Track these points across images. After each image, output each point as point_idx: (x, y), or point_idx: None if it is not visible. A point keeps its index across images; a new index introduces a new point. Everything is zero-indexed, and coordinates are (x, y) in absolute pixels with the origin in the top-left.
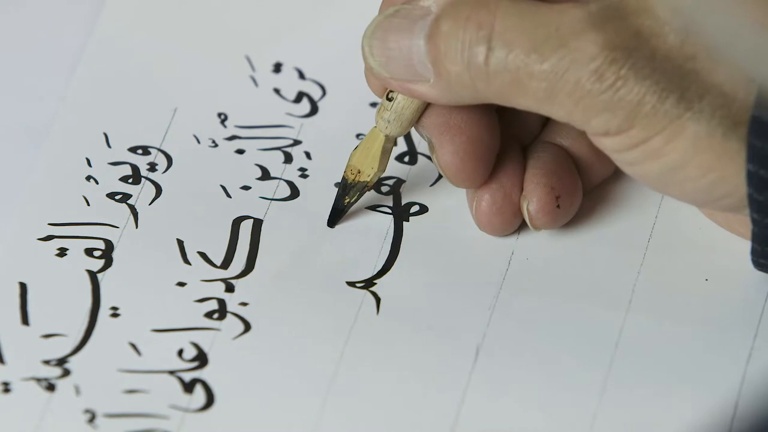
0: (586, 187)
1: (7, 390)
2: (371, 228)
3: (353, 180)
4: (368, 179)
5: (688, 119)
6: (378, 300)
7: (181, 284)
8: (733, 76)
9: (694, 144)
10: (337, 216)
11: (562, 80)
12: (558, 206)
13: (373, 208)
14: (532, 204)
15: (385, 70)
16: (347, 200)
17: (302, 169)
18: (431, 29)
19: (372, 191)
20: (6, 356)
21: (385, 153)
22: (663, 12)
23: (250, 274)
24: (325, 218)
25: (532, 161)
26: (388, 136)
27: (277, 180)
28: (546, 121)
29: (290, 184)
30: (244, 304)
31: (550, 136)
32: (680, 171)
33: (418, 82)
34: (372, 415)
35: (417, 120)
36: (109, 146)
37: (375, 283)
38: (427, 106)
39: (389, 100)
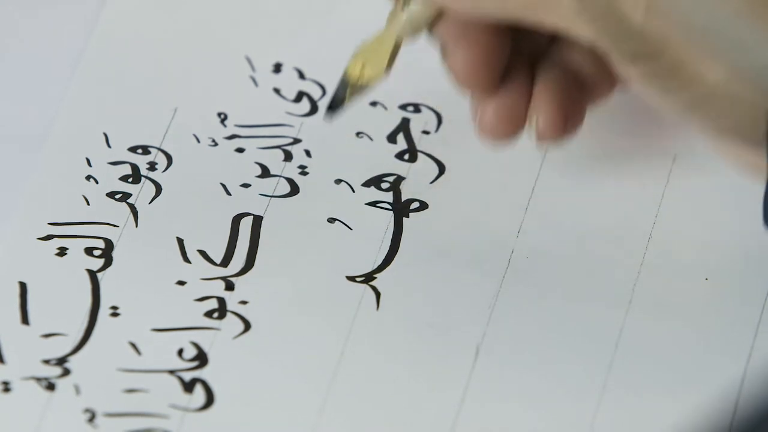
0: (589, 106)
1: (7, 389)
2: (371, 224)
3: (357, 75)
4: (373, 77)
5: (720, 50)
6: (378, 295)
7: (181, 283)
8: None
9: (725, 77)
10: (335, 106)
11: None
12: (566, 121)
13: (373, 204)
14: (540, 117)
15: None
16: (348, 94)
17: (302, 167)
18: None
19: (372, 187)
20: (6, 355)
21: (394, 54)
22: None
23: (250, 271)
24: (325, 215)
25: (541, 79)
26: (398, 38)
27: (277, 177)
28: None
29: (290, 181)
30: (243, 302)
31: (556, 54)
32: (708, 103)
33: None
34: (372, 414)
35: (432, 24)
36: (109, 146)
37: (375, 278)
38: (441, 14)
39: (405, 3)
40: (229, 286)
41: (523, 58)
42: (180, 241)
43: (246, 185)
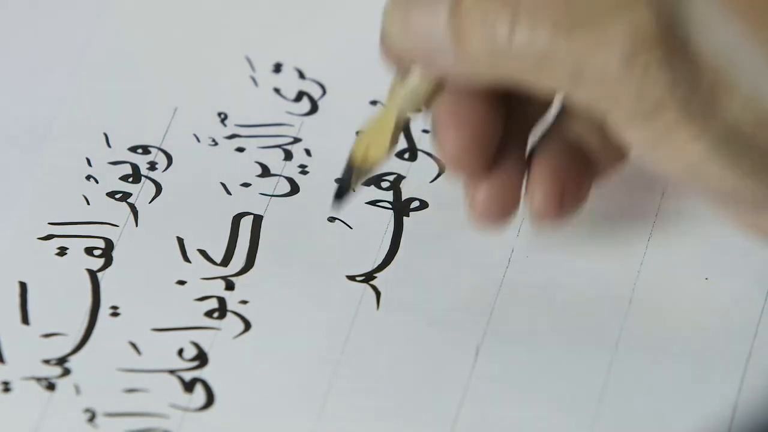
0: (594, 182)
1: (7, 389)
2: (371, 223)
3: (361, 158)
4: (377, 159)
5: (718, 113)
6: (378, 294)
7: (181, 282)
8: (765, 73)
9: (722, 138)
10: (342, 195)
11: (589, 62)
12: (563, 204)
13: (373, 203)
14: (536, 198)
15: (405, 44)
16: (354, 179)
17: (302, 166)
18: (454, 3)
19: (372, 187)
20: (6, 355)
21: (396, 133)
22: (699, 1)
23: (250, 271)
24: (325, 214)
25: (538, 156)
26: (399, 116)
27: (277, 177)
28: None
29: (290, 180)
30: (244, 302)
31: (556, 128)
32: (706, 166)
33: (438, 57)
34: (372, 414)
35: (431, 101)
36: (109, 146)
37: (375, 277)
38: (440, 89)
39: (403, 78)
40: (230, 286)
41: (518, 132)
42: (180, 241)
43: (246, 185)
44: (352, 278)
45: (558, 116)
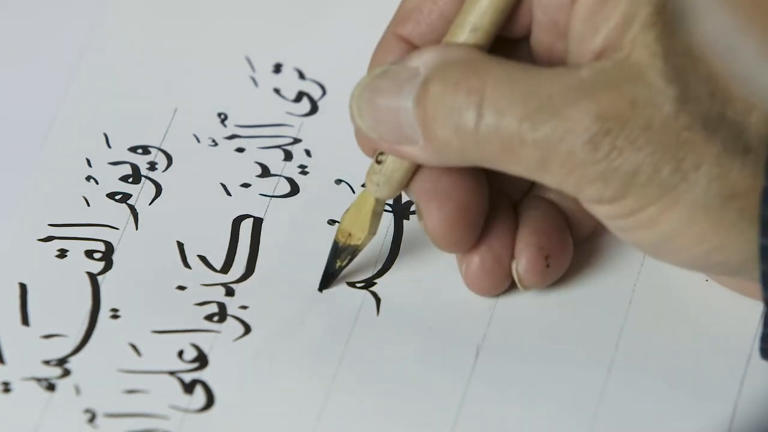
0: (576, 240)
1: (7, 390)
2: None
3: (344, 243)
4: (359, 243)
5: (683, 190)
6: (378, 300)
7: (181, 288)
8: (729, 147)
9: (689, 215)
10: (329, 280)
11: (555, 149)
12: (548, 265)
13: None
14: (521, 265)
15: (374, 131)
16: (339, 264)
17: (302, 167)
18: (419, 92)
19: None
20: (6, 356)
21: (376, 216)
22: (657, 80)
23: (251, 277)
24: (325, 215)
25: (523, 220)
26: (378, 199)
27: (277, 177)
28: None
29: (290, 180)
30: (244, 307)
31: (539, 191)
32: (675, 240)
33: (407, 144)
34: (372, 417)
35: (407, 183)
36: (109, 146)
37: (375, 283)
38: (417, 169)
39: (378, 162)
40: (230, 292)
41: (505, 198)
42: (180, 246)
43: (246, 185)
44: (352, 285)
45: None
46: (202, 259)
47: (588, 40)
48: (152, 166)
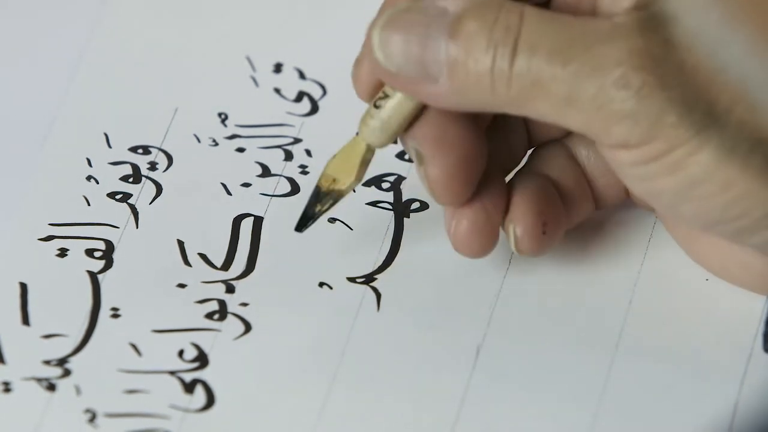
0: (570, 222)
1: (7, 390)
2: (371, 224)
3: (327, 188)
4: (344, 188)
5: (712, 134)
6: (378, 296)
7: (182, 286)
8: (759, 92)
9: (716, 160)
10: (305, 222)
11: (584, 85)
12: (544, 232)
13: (374, 204)
14: (518, 228)
15: (393, 64)
16: (319, 208)
17: (302, 166)
18: (453, 28)
19: (373, 187)
20: (6, 356)
21: (364, 163)
22: (693, 23)
23: (251, 274)
24: (325, 215)
25: (519, 187)
26: (369, 146)
27: (278, 177)
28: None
29: (291, 180)
30: (244, 304)
31: (535, 166)
32: (699, 186)
33: (427, 83)
34: (373, 415)
35: (404, 131)
36: (109, 146)
37: (375, 278)
38: (414, 118)
39: (376, 107)
40: (230, 289)
41: (498, 165)
42: (180, 244)
43: (246, 185)
44: (352, 280)
45: (534, 155)
46: (203, 256)
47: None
48: (153, 166)
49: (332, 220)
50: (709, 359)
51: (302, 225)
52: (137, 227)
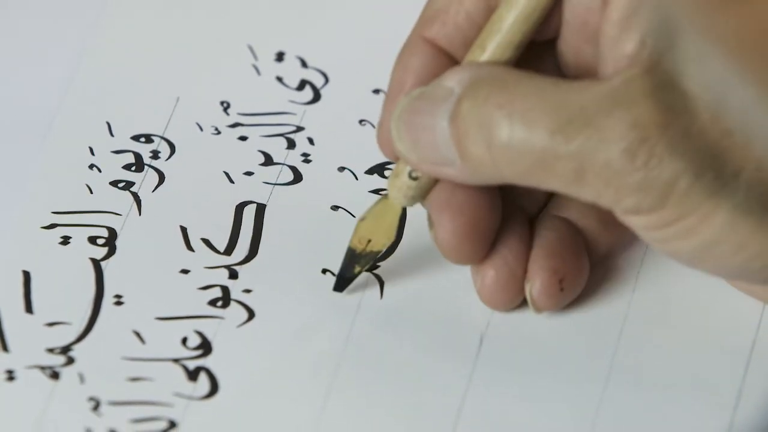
0: (593, 259)
1: (11, 378)
2: None
3: (362, 249)
4: (382, 248)
5: (724, 197)
6: (382, 283)
7: (185, 271)
8: None
9: (729, 223)
10: (346, 284)
11: (590, 161)
12: (562, 289)
13: (377, 192)
14: (535, 287)
15: (414, 154)
16: (358, 269)
17: (305, 155)
18: (454, 111)
19: (375, 175)
20: (10, 344)
21: (401, 222)
22: (692, 86)
23: (254, 260)
24: (328, 202)
25: (538, 241)
26: (405, 208)
27: (280, 165)
28: (551, 193)
29: (293, 169)
30: (247, 291)
31: (555, 209)
32: (714, 249)
33: (445, 165)
34: (376, 402)
35: (425, 194)
36: (112, 135)
37: (379, 266)
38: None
39: (413, 179)
40: (233, 275)
41: (520, 212)
42: (183, 230)
43: (249, 173)
44: None
45: (556, 197)
46: (206, 241)
47: (621, 44)
48: (155, 154)
49: (335, 207)
50: (709, 360)
51: (342, 286)
52: (140, 214)
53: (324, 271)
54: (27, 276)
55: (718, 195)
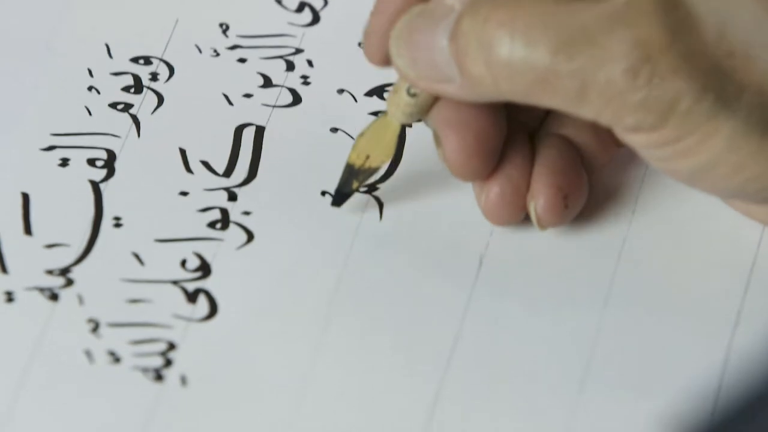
0: (590, 175)
1: (10, 299)
2: None
3: (361, 165)
4: (381, 165)
5: (724, 118)
6: (381, 205)
7: (184, 194)
8: None
9: (729, 144)
10: (343, 199)
11: (592, 79)
12: (566, 206)
13: (376, 113)
14: (539, 204)
15: (412, 70)
16: (356, 184)
17: (304, 77)
18: (453, 28)
19: (375, 97)
20: (9, 266)
21: (400, 140)
22: (696, 6)
23: (253, 181)
24: (327, 124)
25: (540, 158)
26: (404, 124)
27: (279, 87)
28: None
29: (292, 91)
30: (247, 213)
31: (553, 126)
32: (713, 170)
33: (445, 82)
34: (375, 325)
35: (430, 109)
36: (110, 57)
37: (378, 188)
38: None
39: (411, 95)
40: (232, 197)
41: (522, 128)
42: (182, 152)
43: (248, 95)
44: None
45: (554, 116)
46: (205, 164)
47: None
48: (154, 76)
49: (334, 129)
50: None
51: (340, 201)
52: (139, 136)
53: (323, 193)
54: (26, 198)
55: (719, 116)
